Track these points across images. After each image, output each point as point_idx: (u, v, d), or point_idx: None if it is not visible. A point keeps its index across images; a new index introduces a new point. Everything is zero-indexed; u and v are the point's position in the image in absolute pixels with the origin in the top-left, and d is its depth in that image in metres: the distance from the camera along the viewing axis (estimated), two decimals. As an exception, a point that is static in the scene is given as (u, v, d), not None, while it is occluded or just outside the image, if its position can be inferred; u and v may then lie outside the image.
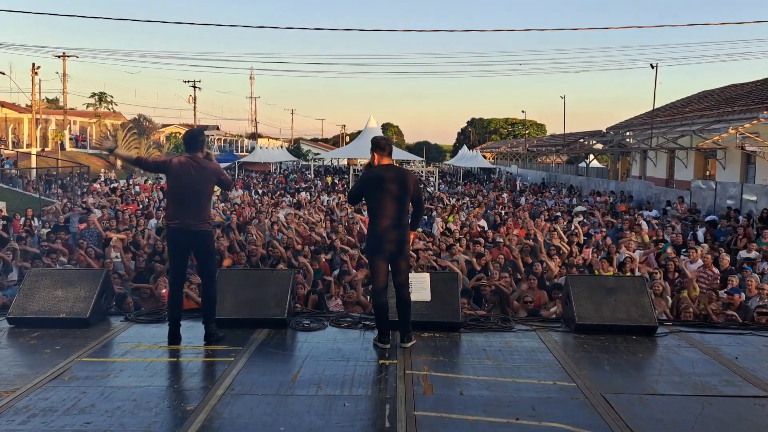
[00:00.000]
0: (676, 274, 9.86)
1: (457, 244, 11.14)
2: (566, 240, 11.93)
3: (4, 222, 14.67)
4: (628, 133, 32.50)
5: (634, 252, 11.26)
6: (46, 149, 40.98)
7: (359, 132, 49.44)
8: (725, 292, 8.64)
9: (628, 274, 9.32)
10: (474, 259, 10.46)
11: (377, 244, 5.41)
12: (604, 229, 14.57)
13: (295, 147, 74.39)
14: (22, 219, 15.36)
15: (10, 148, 39.92)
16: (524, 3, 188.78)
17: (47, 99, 57.17)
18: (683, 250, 12.11)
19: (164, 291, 8.38)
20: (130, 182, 31.49)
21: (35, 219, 15.74)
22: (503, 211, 18.57)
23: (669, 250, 11.79)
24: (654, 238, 13.29)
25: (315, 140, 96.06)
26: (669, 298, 8.54)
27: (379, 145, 5.49)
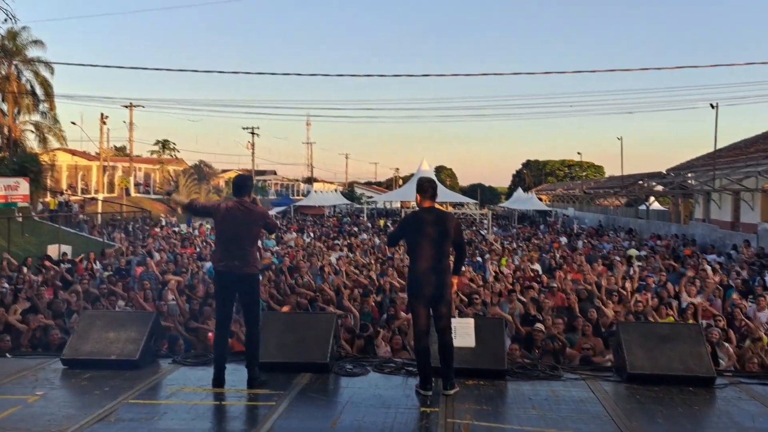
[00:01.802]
0: (743, 322, 9.40)
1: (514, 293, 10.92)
2: (620, 285, 11.56)
3: (70, 265, 15.23)
4: (689, 175, 31.63)
5: (695, 297, 10.80)
6: (112, 195, 42.64)
7: (412, 175, 49.75)
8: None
9: (690, 321, 8.93)
10: (528, 304, 10.22)
11: (417, 288, 5.35)
12: (664, 274, 14.08)
13: (349, 190, 75.25)
14: (85, 262, 15.91)
15: (79, 194, 41.71)
16: (573, 44, 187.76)
17: (115, 147, 59.77)
18: (750, 296, 11.57)
19: (210, 335, 8.47)
20: (191, 227, 32.33)
21: (97, 262, 16.28)
22: (559, 255, 18.20)
23: (734, 295, 11.29)
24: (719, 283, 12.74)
25: (369, 184, 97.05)
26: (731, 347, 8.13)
27: (422, 187, 5.49)
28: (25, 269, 13.41)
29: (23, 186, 22.73)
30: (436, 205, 5.60)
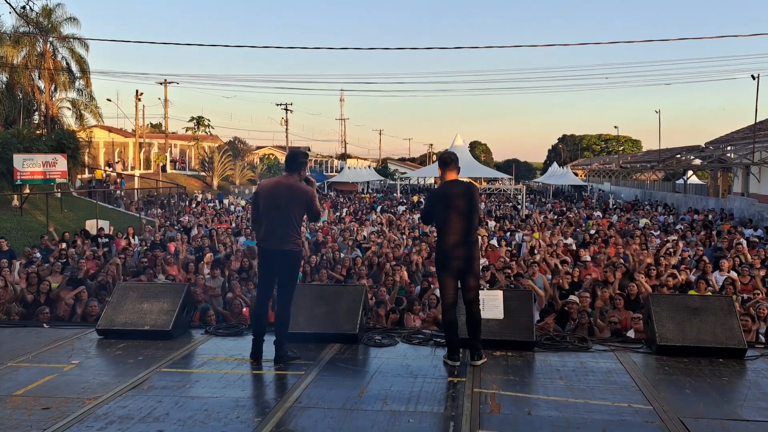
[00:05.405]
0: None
1: (542, 264, 10.87)
2: (653, 259, 11.39)
3: (107, 240, 15.58)
4: (728, 148, 30.86)
5: (728, 271, 10.60)
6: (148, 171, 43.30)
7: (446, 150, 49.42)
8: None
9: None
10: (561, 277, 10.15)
11: (445, 261, 5.36)
12: (701, 248, 13.84)
13: (382, 167, 75.18)
14: (124, 237, 16.26)
15: (117, 170, 42.42)
16: (608, 16, 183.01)
17: (151, 124, 60.44)
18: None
19: (245, 309, 8.59)
20: (224, 202, 32.75)
21: (135, 237, 16.62)
22: (593, 231, 17.98)
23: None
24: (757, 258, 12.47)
25: (402, 160, 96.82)
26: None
27: (443, 161, 5.48)
28: (63, 244, 13.74)
29: (61, 162, 23.15)
30: (460, 177, 5.57)
